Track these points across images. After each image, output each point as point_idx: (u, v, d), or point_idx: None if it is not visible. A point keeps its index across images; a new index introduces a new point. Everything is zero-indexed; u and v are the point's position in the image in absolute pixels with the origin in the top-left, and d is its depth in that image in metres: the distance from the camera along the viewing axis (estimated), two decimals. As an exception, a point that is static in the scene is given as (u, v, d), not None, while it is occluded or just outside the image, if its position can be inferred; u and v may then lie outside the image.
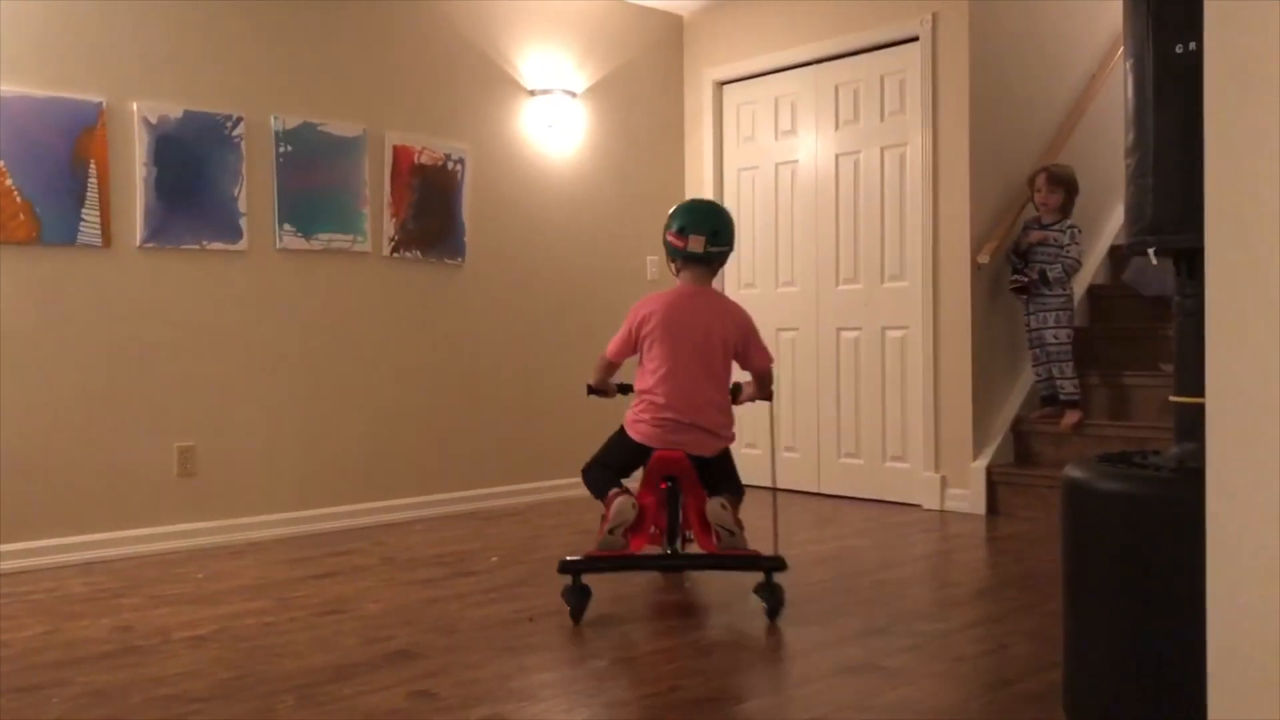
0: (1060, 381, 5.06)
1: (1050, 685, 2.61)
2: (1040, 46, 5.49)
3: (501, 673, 2.83)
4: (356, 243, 5.04)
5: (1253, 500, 1.43)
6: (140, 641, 3.13)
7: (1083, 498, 2.21)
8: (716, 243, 3.54)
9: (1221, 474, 1.48)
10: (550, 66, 5.78)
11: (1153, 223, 2.19)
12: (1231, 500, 1.46)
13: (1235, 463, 1.45)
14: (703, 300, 3.57)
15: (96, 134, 4.31)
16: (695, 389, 3.47)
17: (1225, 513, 1.48)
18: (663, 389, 3.48)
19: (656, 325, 3.53)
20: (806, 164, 5.87)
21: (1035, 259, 5.09)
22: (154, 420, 4.48)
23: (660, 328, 3.52)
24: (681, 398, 3.46)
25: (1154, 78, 2.16)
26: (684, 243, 3.53)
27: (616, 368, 3.81)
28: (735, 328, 3.54)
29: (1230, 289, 1.45)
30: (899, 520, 5.03)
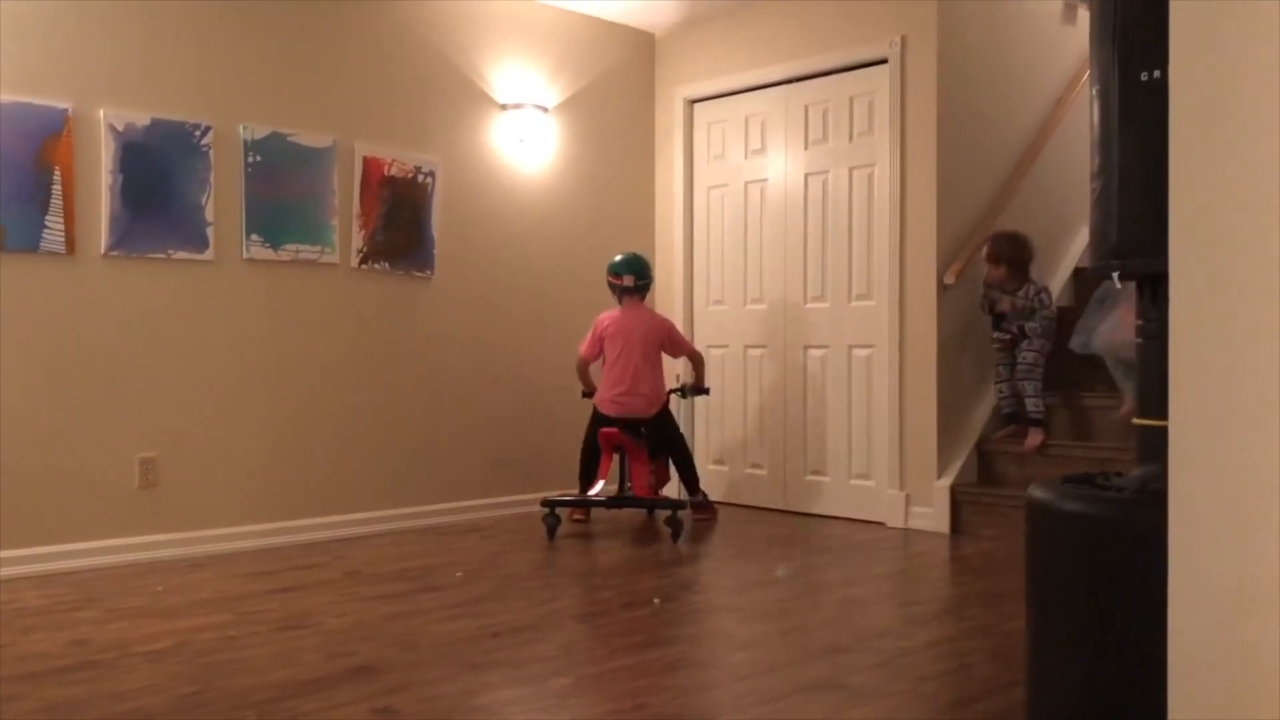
0: (1026, 400, 5.09)
1: (1012, 704, 2.63)
2: (1007, 71, 5.56)
3: (465, 689, 2.81)
4: (325, 254, 5.02)
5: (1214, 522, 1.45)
6: (97, 655, 3.08)
7: (1046, 518, 2.23)
8: (640, 280, 5.42)
9: (1183, 496, 1.50)
10: (522, 81, 5.79)
11: (1117, 247, 2.22)
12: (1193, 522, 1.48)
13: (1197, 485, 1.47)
14: (636, 315, 5.36)
15: (62, 140, 4.26)
16: (635, 372, 5.22)
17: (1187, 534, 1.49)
18: (614, 373, 5.24)
19: (610, 331, 5.29)
20: (776, 183, 5.90)
21: (1009, 326, 5.16)
22: (115, 430, 4.42)
23: (612, 333, 5.29)
24: (627, 378, 5.21)
25: (1119, 104, 2.19)
26: (620, 280, 5.39)
27: (589, 364, 5.42)
28: (656, 330, 5.36)
29: (1194, 313, 1.48)
30: (863, 538, 5.05)
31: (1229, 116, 1.41)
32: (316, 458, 5.00)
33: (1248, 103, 1.38)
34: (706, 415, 6.24)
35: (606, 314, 5.35)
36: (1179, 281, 1.52)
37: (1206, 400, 1.47)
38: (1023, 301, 5.09)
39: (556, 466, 5.93)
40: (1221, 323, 1.45)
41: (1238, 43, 1.39)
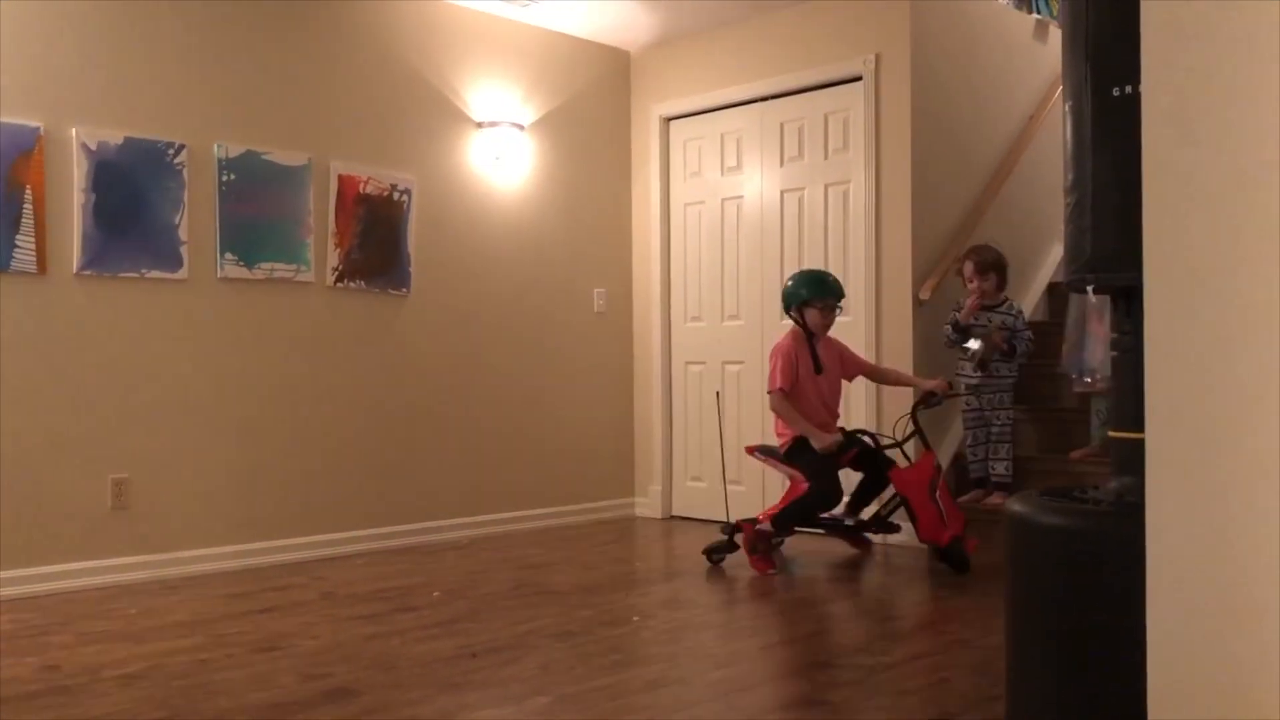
0: (994, 463, 5.01)
1: (993, 717, 2.63)
2: (981, 88, 5.61)
3: (443, 710, 2.78)
4: (300, 272, 4.99)
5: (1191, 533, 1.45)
6: (68, 681, 3.04)
7: (1025, 531, 2.23)
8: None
9: (1160, 507, 1.50)
10: (498, 99, 5.79)
11: (1091, 260, 2.23)
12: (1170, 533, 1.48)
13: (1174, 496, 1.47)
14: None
15: (33, 159, 4.23)
16: None
17: (1164, 546, 1.50)
18: None
19: None
20: (752, 200, 5.92)
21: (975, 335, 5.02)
22: (88, 451, 4.37)
23: None
24: None
25: (1092, 119, 2.21)
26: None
27: None
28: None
29: (1168, 325, 1.48)
30: (843, 553, 5.04)
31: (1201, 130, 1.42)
32: (292, 478, 4.96)
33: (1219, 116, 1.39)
34: (685, 432, 6.23)
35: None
36: (1153, 294, 1.53)
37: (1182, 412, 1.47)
38: (1004, 315, 5.02)
39: (532, 486, 5.90)
40: (1195, 334, 1.45)
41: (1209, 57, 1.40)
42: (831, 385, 4.82)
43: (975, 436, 5.07)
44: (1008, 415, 5.00)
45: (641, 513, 6.37)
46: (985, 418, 5.02)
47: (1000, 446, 4.99)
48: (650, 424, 6.36)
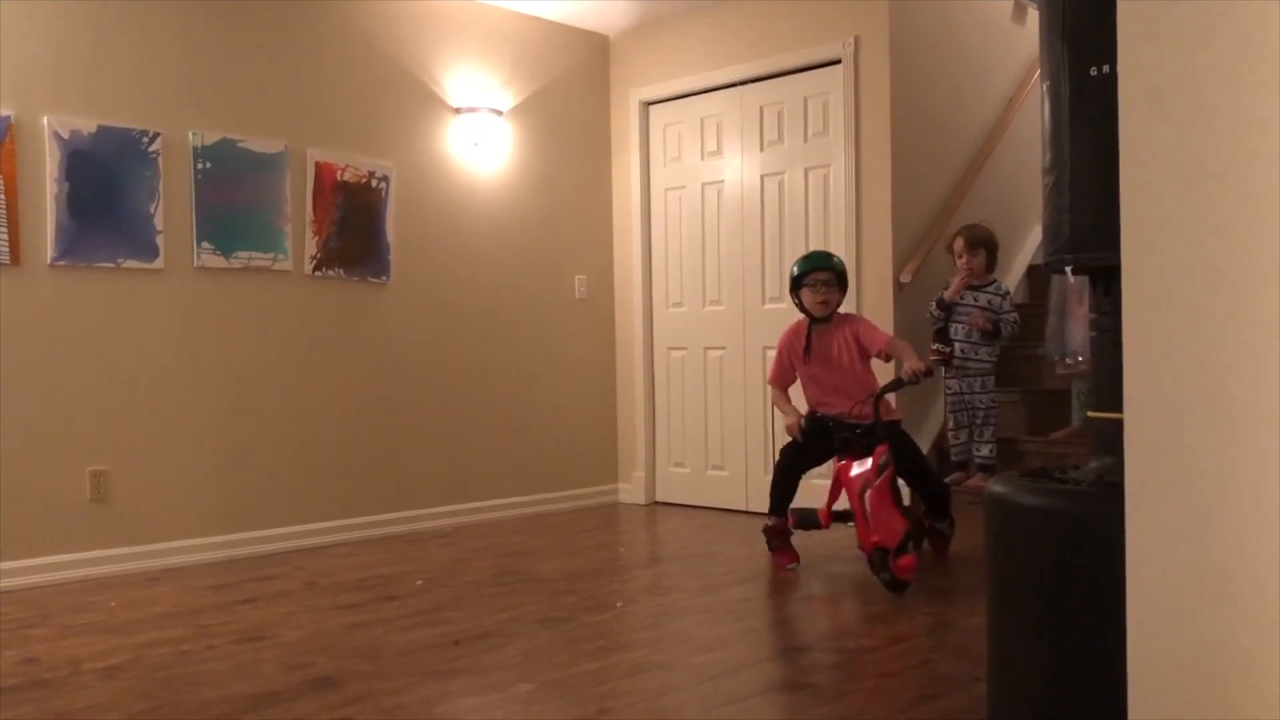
0: (979, 445, 5.00)
1: (975, 699, 2.64)
2: (960, 70, 5.61)
3: (426, 698, 2.78)
4: (277, 261, 4.95)
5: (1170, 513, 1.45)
6: (48, 674, 3.01)
7: (1006, 513, 2.24)
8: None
9: (1140, 487, 1.50)
10: (476, 84, 5.75)
11: (1070, 241, 2.23)
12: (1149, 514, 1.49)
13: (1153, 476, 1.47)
14: None
15: (4, 149, 4.18)
16: None
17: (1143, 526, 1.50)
18: None
19: None
20: (732, 184, 5.91)
21: (958, 318, 5.02)
22: (65, 443, 4.34)
23: None
24: None
25: (1070, 100, 2.20)
26: None
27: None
28: None
29: (1146, 305, 1.48)
30: (824, 537, 5.04)
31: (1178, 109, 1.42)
32: (272, 467, 4.93)
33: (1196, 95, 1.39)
34: (668, 417, 6.23)
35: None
36: (1130, 274, 1.53)
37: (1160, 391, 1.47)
38: (990, 294, 5.01)
39: (513, 473, 5.89)
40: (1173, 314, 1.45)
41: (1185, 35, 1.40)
42: (839, 369, 4.40)
43: (958, 420, 5.08)
44: (991, 398, 5.01)
45: (625, 499, 6.37)
46: (967, 400, 5.03)
47: (985, 429, 5.00)
48: (633, 410, 6.35)
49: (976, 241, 5.02)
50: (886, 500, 3.88)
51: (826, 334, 4.44)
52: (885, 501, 3.87)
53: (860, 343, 4.40)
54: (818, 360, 4.43)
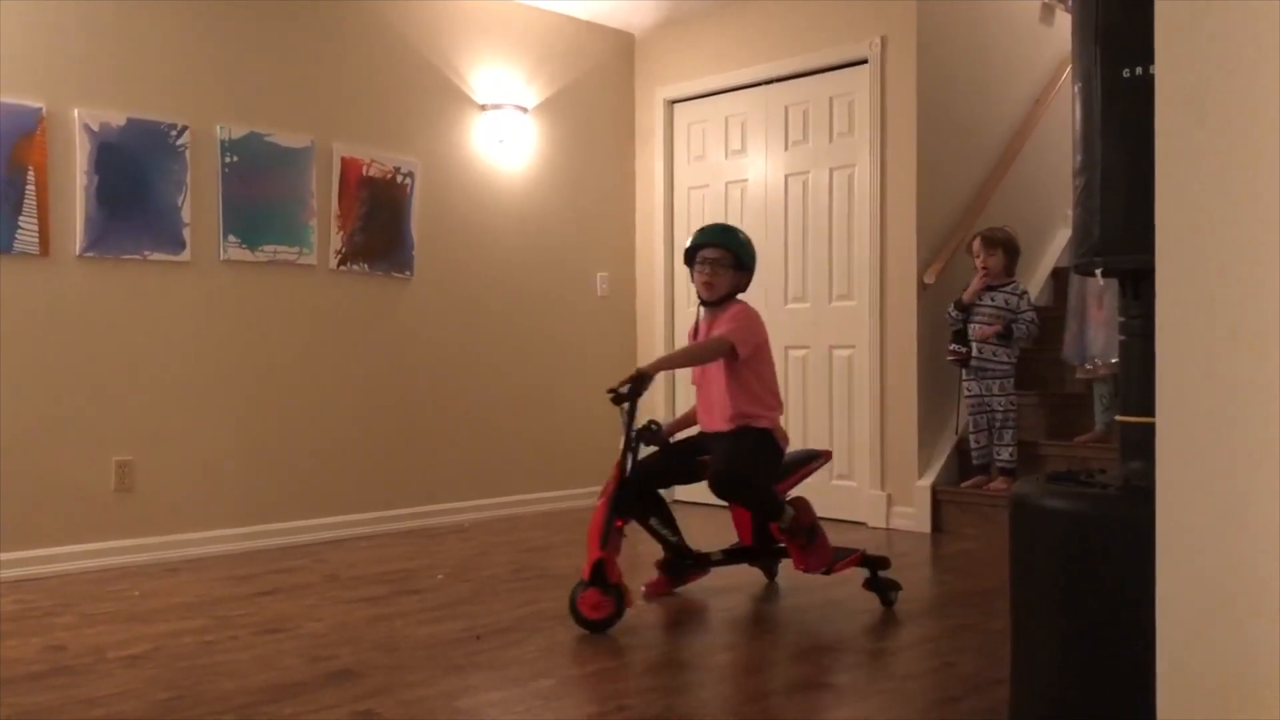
0: (999, 449, 4.98)
1: (996, 702, 2.63)
2: (986, 71, 5.58)
3: (446, 692, 2.79)
4: (302, 255, 4.98)
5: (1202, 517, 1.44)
6: (73, 661, 3.04)
7: (1030, 516, 2.22)
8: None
9: (1171, 491, 1.49)
10: (501, 81, 5.76)
11: (1100, 243, 2.22)
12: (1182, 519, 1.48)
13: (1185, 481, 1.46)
14: None
15: (35, 140, 4.21)
16: None
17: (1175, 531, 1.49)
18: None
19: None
20: (756, 183, 5.90)
21: (976, 319, 5.01)
22: (91, 433, 4.37)
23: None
24: None
25: (1102, 101, 2.19)
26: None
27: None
28: None
29: (1180, 308, 1.47)
30: (845, 538, 5.01)
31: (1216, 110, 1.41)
32: (295, 460, 4.96)
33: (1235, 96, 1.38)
34: (687, 416, 6.22)
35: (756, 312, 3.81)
36: (1165, 276, 1.51)
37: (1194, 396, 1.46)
38: (1007, 294, 5.00)
39: (535, 468, 5.90)
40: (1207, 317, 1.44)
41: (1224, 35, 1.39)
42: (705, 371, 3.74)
43: (976, 423, 5.06)
44: (1009, 400, 4.98)
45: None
46: (986, 403, 5.01)
47: (1005, 432, 4.97)
48: (654, 408, 6.34)
49: (994, 242, 5.01)
50: (596, 523, 3.35)
51: (711, 324, 3.72)
52: (595, 523, 3.36)
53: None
54: None
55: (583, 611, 3.30)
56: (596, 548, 3.31)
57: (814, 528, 3.61)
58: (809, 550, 3.58)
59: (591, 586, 3.29)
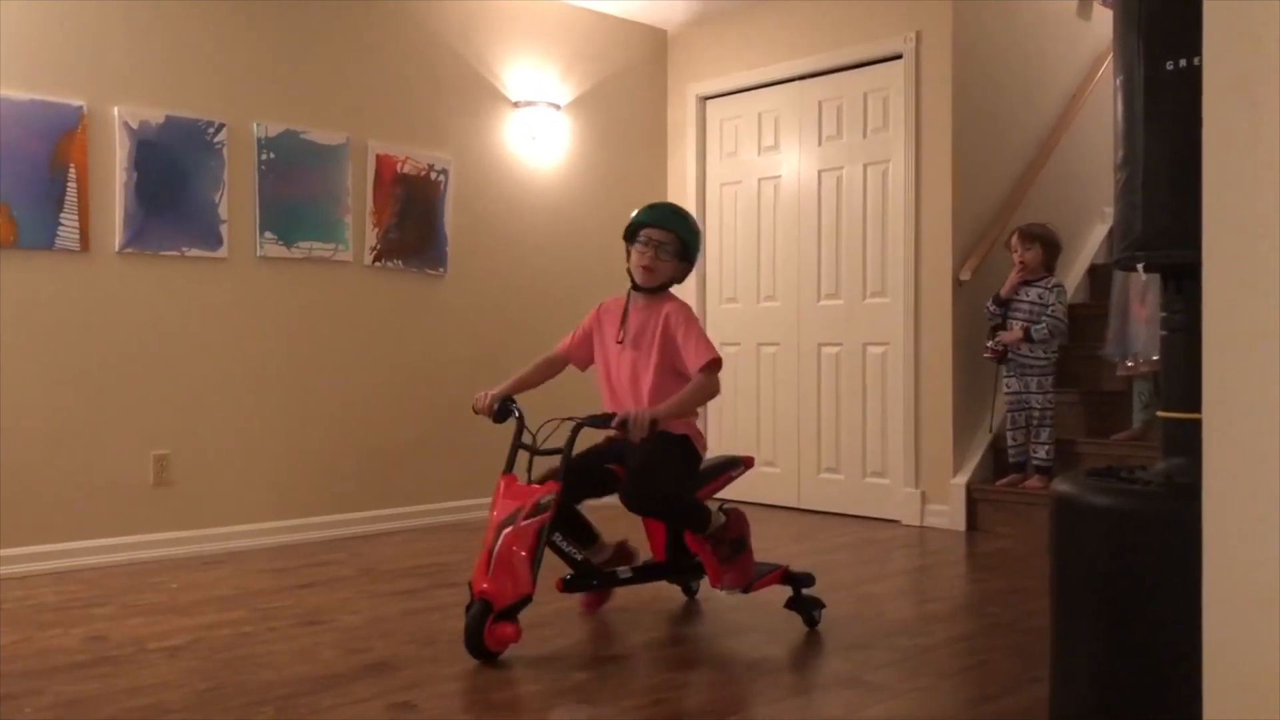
0: (1036, 447, 4.94)
1: (1034, 700, 2.61)
2: (1023, 65, 5.54)
3: (482, 684, 2.80)
4: (338, 251, 5.01)
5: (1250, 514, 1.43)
6: (114, 651, 3.08)
7: (1071, 512, 2.20)
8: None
9: (1218, 488, 1.48)
10: (534, 78, 5.78)
11: (1141, 238, 2.19)
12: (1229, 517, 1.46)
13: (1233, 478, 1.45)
14: None
15: (76, 138, 4.26)
16: None
17: (1222, 526, 1.47)
18: None
19: None
20: (789, 179, 5.88)
21: (1014, 315, 4.99)
22: (130, 427, 4.42)
23: None
24: None
25: (1144, 94, 2.17)
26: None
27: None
28: None
29: (1227, 302, 1.46)
30: (878, 536, 5.02)
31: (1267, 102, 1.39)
32: (330, 455, 5.00)
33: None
34: (719, 413, 6.22)
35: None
36: (1212, 271, 1.50)
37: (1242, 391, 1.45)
38: (1041, 289, 4.95)
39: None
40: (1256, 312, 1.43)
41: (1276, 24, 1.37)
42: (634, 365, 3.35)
43: (1014, 420, 5.02)
44: (1047, 399, 4.94)
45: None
46: (1025, 400, 4.97)
47: (1042, 430, 4.93)
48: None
49: (1032, 236, 4.99)
50: (524, 549, 2.98)
51: (644, 314, 3.37)
52: (522, 551, 2.97)
53: (671, 343, 3.29)
54: (630, 347, 3.36)
55: (490, 645, 2.92)
56: (528, 582, 2.95)
57: (741, 541, 3.27)
58: (729, 565, 3.22)
59: (507, 620, 2.92)
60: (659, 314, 3.31)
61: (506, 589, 2.92)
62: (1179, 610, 1.80)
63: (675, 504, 3.21)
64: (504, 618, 2.92)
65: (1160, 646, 2.01)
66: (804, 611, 3.35)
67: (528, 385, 3.58)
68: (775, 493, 5.91)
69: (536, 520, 3.01)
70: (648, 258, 3.31)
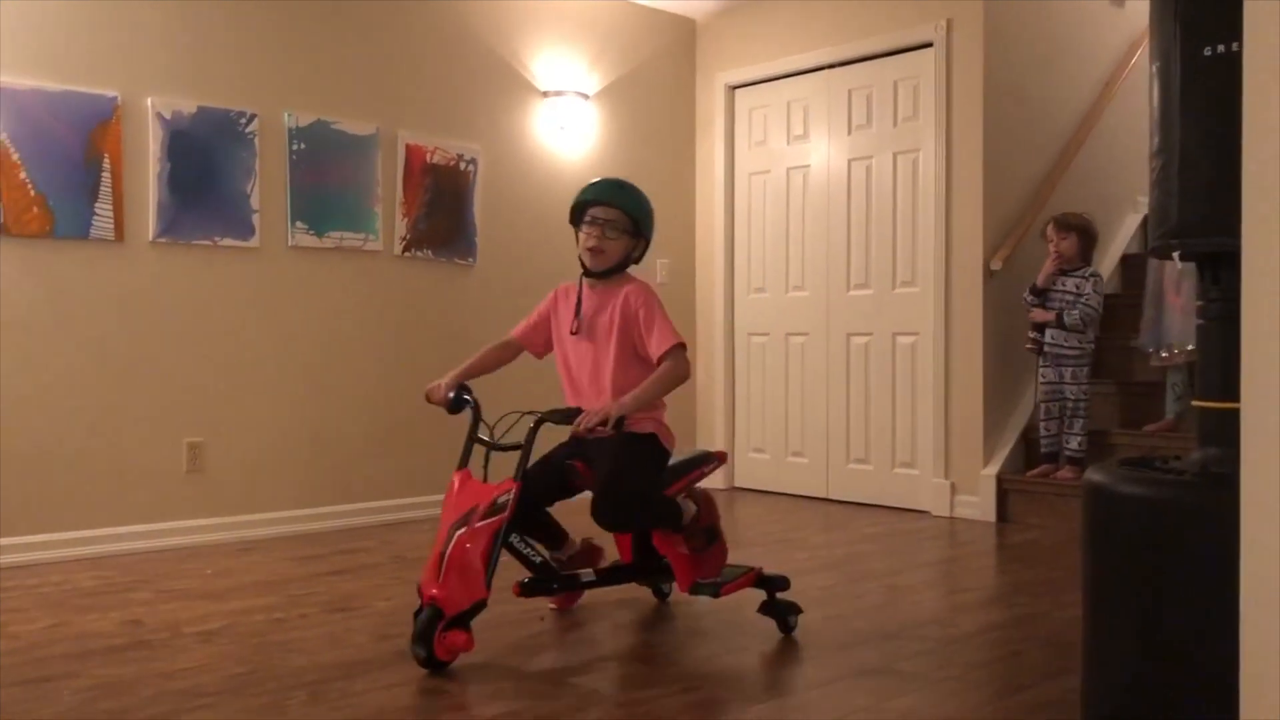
0: (1069, 437, 4.91)
1: (1065, 691, 2.60)
2: (1055, 53, 5.49)
3: (513, 671, 2.82)
4: (368, 241, 5.04)
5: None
6: (150, 636, 3.12)
7: (1105, 502, 2.19)
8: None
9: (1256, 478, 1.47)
10: (563, 68, 5.78)
11: (1178, 226, 2.17)
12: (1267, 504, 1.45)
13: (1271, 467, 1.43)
14: None
15: (111, 128, 4.31)
16: None
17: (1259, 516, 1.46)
18: None
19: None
20: (818, 169, 5.86)
21: (1051, 305, 4.95)
22: (164, 415, 4.47)
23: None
24: None
25: (1181, 81, 2.14)
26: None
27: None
28: None
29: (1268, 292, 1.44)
30: (907, 527, 5.01)
31: (1308, 86, 1.38)
32: (360, 442, 5.03)
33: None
34: (748, 403, 6.21)
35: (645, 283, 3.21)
36: (1252, 259, 1.48)
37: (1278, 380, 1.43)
38: (1078, 279, 4.91)
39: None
40: (1296, 299, 1.41)
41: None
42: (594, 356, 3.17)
43: (1048, 410, 4.98)
44: (1082, 389, 4.90)
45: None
46: (1059, 390, 4.93)
47: (1075, 421, 4.90)
48: (712, 396, 6.35)
49: (1067, 226, 4.94)
50: (479, 552, 2.79)
51: (599, 299, 3.17)
52: (476, 553, 2.79)
53: (632, 329, 3.10)
54: (586, 337, 3.17)
55: (440, 655, 2.73)
56: (481, 587, 2.77)
57: (713, 529, 3.16)
58: (701, 557, 3.09)
59: (459, 627, 2.75)
60: (616, 298, 3.10)
61: (459, 594, 2.73)
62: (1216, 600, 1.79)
63: (648, 511, 3.04)
64: (455, 625, 2.74)
65: (1197, 637, 2.00)
66: (779, 617, 3.15)
67: (479, 371, 3.36)
68: (804, 483, 5.90)
69: (493, 521, 2.82)
70: (594, 238, 3.10)
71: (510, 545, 2.98)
